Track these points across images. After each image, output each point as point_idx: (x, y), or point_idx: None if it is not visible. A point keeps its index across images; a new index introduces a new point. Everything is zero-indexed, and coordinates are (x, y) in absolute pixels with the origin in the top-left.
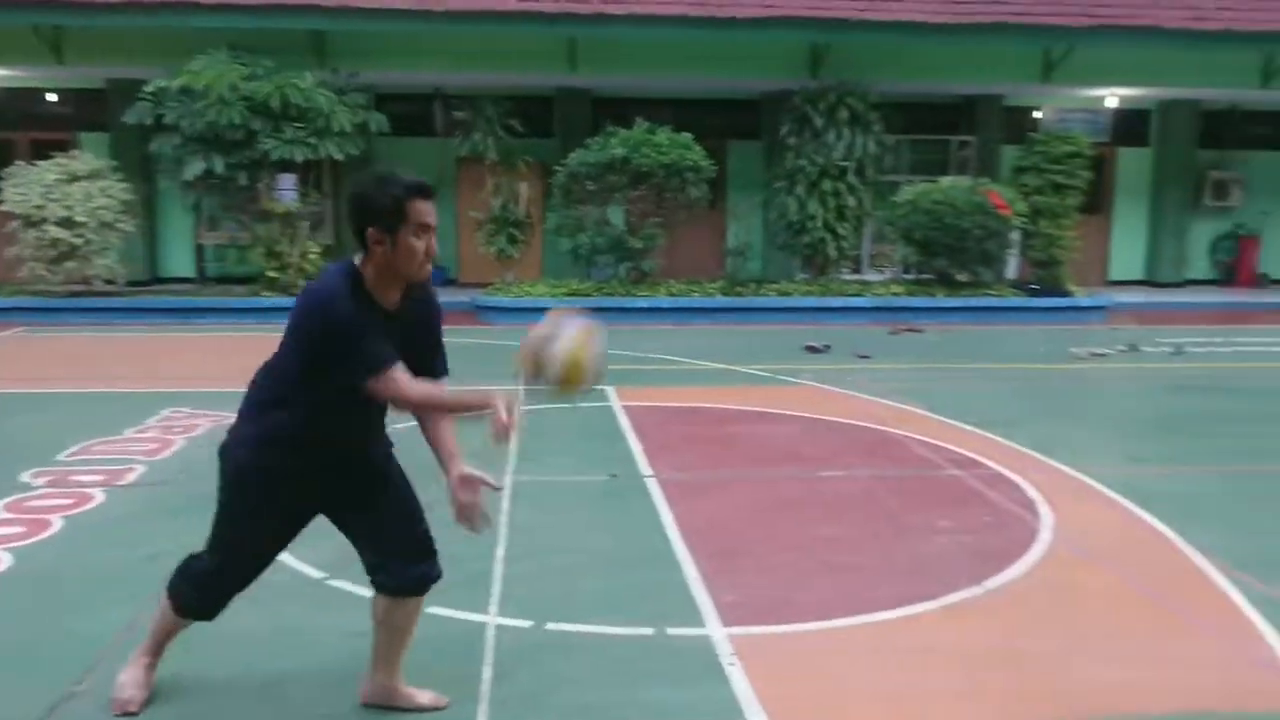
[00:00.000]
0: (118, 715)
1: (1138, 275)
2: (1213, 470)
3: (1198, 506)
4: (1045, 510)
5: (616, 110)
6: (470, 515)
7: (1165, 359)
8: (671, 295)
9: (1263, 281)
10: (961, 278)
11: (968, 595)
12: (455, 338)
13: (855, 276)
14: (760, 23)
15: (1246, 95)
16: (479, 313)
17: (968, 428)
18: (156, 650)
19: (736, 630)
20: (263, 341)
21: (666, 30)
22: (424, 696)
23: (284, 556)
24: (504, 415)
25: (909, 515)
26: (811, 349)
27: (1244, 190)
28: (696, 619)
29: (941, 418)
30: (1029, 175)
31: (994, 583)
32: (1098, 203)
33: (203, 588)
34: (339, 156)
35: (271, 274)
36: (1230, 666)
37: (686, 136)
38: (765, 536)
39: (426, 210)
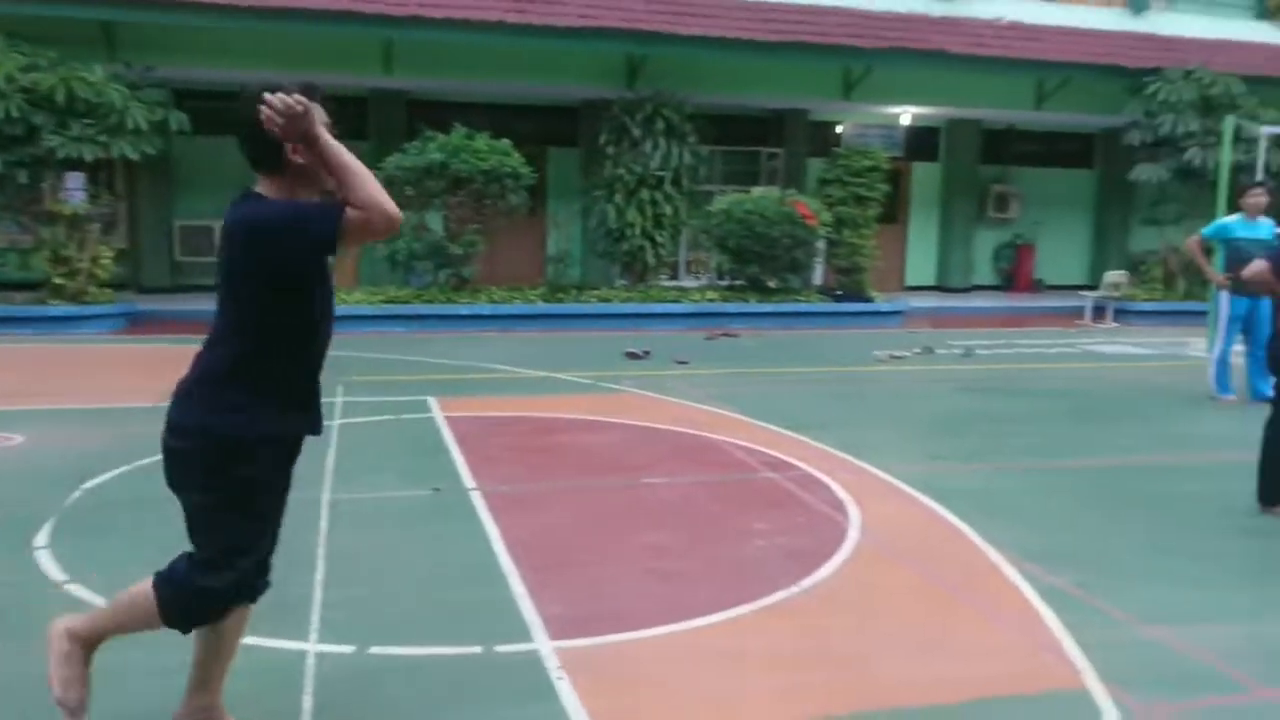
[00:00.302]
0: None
1: (931, 281)
2: (1003, 467)
3: (990, 502)
4: (853, 510)
5: (433, 114)
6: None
7: (957, 360)
8: (493, 302)
9: (1038, 286)
10: (772, 284)
11: (783, 596)
12: None
13: (673, 283)
14: (577, 32)
15: (1022, 116)
16: None
17: (781, 430)
18: (94, 645)
19: (563, 643)
20: (51, 354)
21: (484, 35)
22: None
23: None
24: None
25: (728, 519)
26: (632, 355)
27: (1021, 203)
28: (524, 634)
29: (757, 421)
30: (833, 187)
31: (807, 582)
32: (895, 213)
33: (217, 598)
34: (134, 156)
35: (58, 280)
36: (1019, 653)
37: (505, 143)
38: (590, 547)
39: (323, 113)
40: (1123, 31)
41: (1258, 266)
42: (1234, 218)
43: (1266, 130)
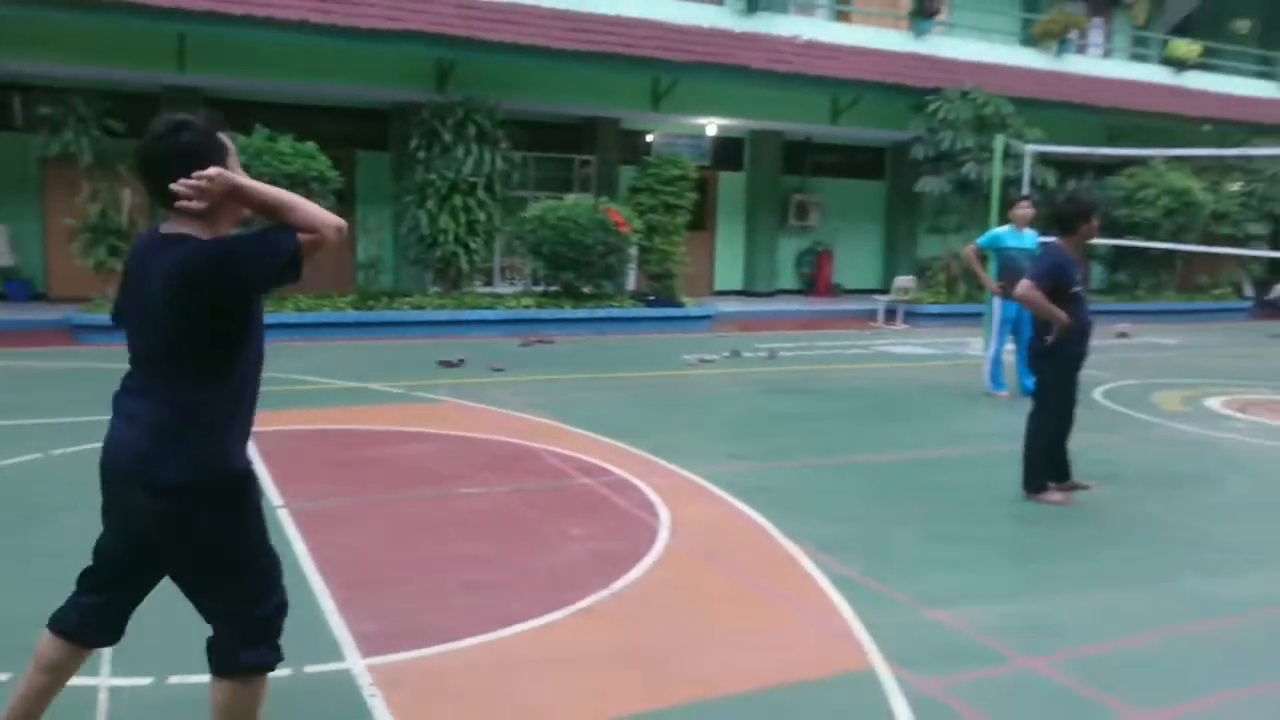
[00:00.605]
0: None
1: (738, 286)
2: (801, 464)
3: (789, 498)
4: (664, 512)
5: (233, 114)
6: None
7: (762, 363)
8: (300, 310)
9: (837, 291)
10: (586, 290)
11: (595, 599)
12: (43, 361)
13: (488, 289)
14: (384, 34)
15: (820, 130)
16: (74, 332)
17: (596, 436)
18: None
19: (376, 660)
20: None
21: (286, 34)
22: None
23: None
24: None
25: (543, 526)
26: (446, 364)
27: (820, 211)
28: (335, 653)
29: (572, 427)
30: (644, 195)
31: (618, 585)
32: (703, 220)
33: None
34: None
35: None
36: (814, 640)
37: (311, 145)
38: (404, 561)
39: (231, 146)
40: (907, 53)
41: (1024, 288)
42: (1004, 228)
43: (1031, 148)
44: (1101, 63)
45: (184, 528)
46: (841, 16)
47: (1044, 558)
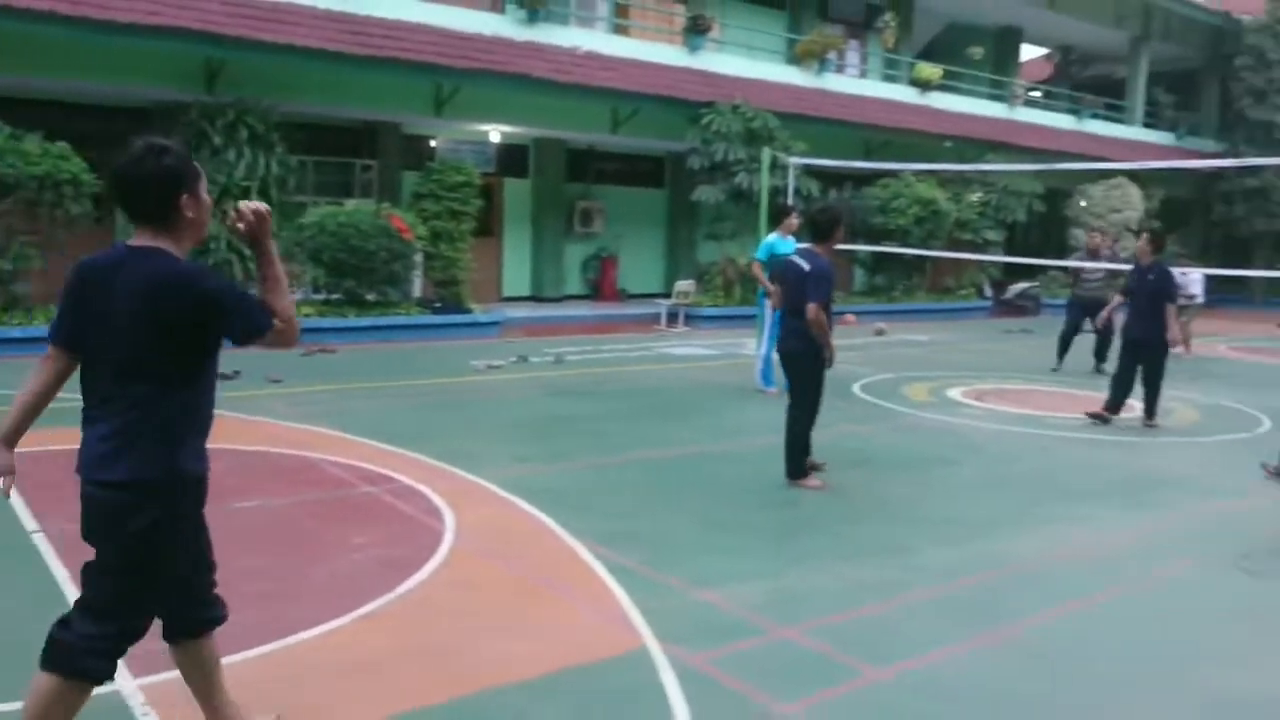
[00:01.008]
0: None
1: (526, 292)
2: (583, 464)
3: (571, 497)
4: (449, 515)
5: None
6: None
7: (549, 367)
8: (51, 322)
9: (622, 296)
10: (370, 298)
11: (381, 603)
12: None
13: None
14: (144, 30)
15: (602, 138)
16: None
17: (380, 445)
18: None
19: (149, 679)
20: None
21: (34, 25)
22: None
23: None
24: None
25: (326, 536)
26: (221, 376)
27: (604, 218)
28: None
29: (356, 437)
30: (428, 201)
31: (404, 588)
32: (490, 227)
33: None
34: None
35: None
36: (593, 626)
37: (63, 145)
38: None
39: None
40: (682, 67)
41: (813, 313)
42: (774, 236)
43: (796, 161)
44: (858, 82)
45: (120, 521)
46: (620, 30)
47: (801, 538)
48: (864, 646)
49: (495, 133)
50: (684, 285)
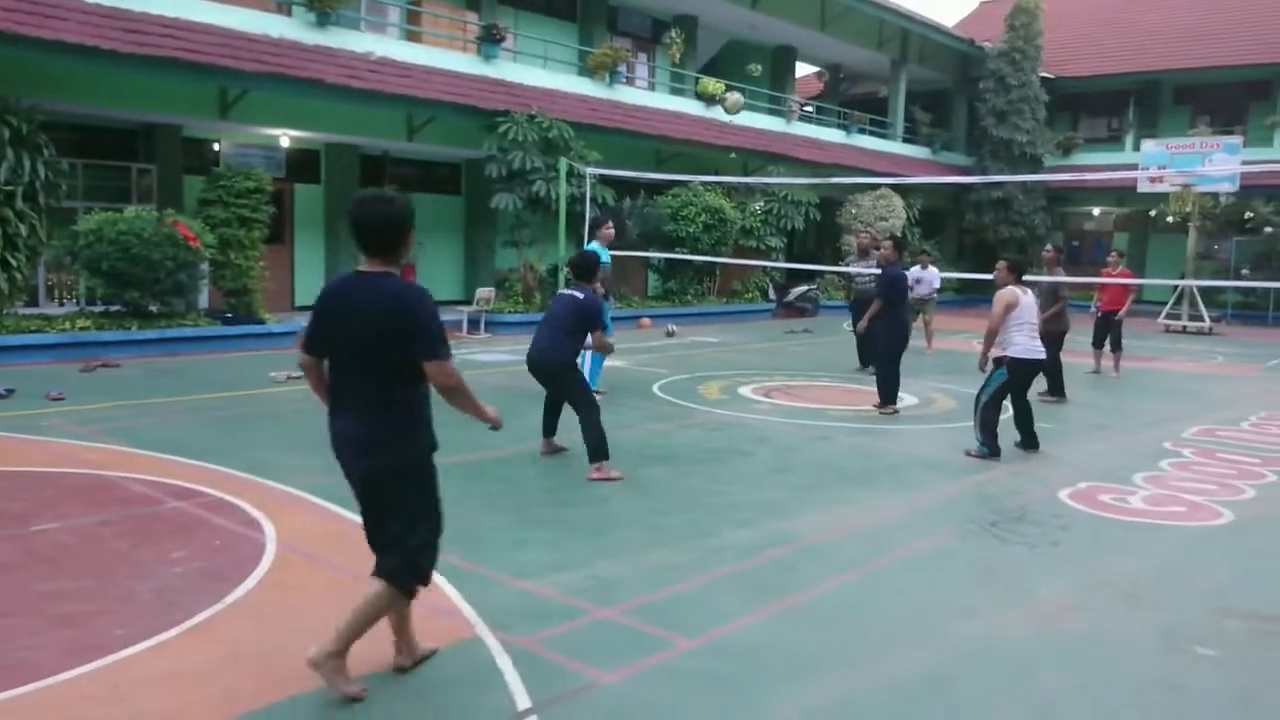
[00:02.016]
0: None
1: None
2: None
3: None
4: (268, 525)
5: None
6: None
7: None
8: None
9: None
10: (155, 309)
11: (208, 615)
12: None
13: (34, 311)
14: None
15: (397, 145)
16: None
17: (183, 460)
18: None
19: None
20: None
21: None
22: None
23: None
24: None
25: (141, 553)
26: None
27: None
28: None
29: (154, 453)
30: (215, 208)
31: (232, 598)
32: (280, 233)
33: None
34: None
35: None
36: (427, 619)
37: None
38: None
39: None
40: (478, 75)
41: (599, 340)
42: (594, 245)
43: (592, 170)
44: (648, 94)
45: (386, 488)
46: (412, 37)
47: (611, 529)
48: (675, 621)
49: (285, 137)
50: (484, 292)
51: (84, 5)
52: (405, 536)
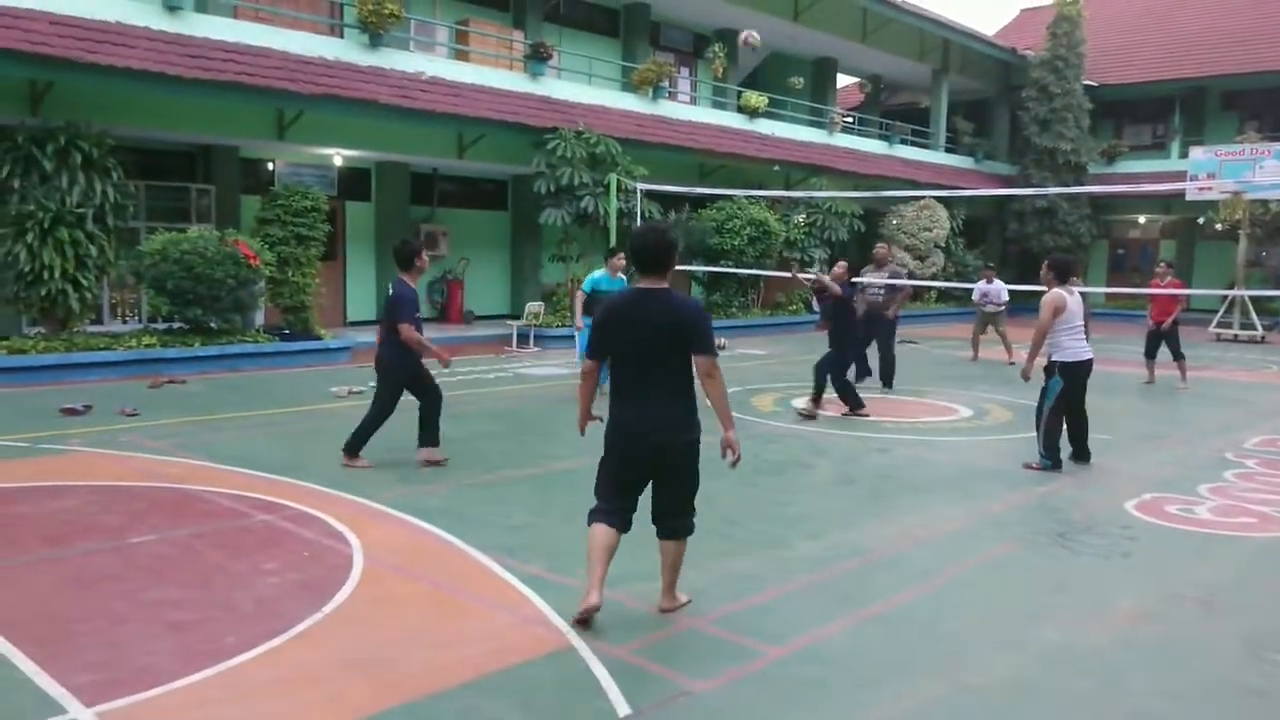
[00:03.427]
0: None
1: (371, 316)
2: (467, 483)
3: (465, 514)
4: (353, 537)
5: None
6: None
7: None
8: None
9: (469, 318)
10: (215, 325)
11: (310, 623)
12: None
13: (101, 329)
14: None
15: (446, 162)
16: None
17: (261, 474)
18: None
19: (103, 707)
20: None
21: None
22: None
23: None
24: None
25: (236, 564)
26: (70, 411)
27: (449, 241)
28: (55, 708)
29: (233, 468)
30: (273, 226)
31: (329, 608)
32: (333, 251)
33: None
34: None
35: None
36: (519, 630)
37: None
38: (95, 614)
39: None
40: (525, 93)
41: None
42: (600, 273)
43: (640, 186)
44: (691, 109)
45: (677, 459)
46: (460, 56)
47: (689, 540)
48: (760, 630)
49: (338, 156)
50: (534, 307)
51: (150, 32)
52: (690, 497)
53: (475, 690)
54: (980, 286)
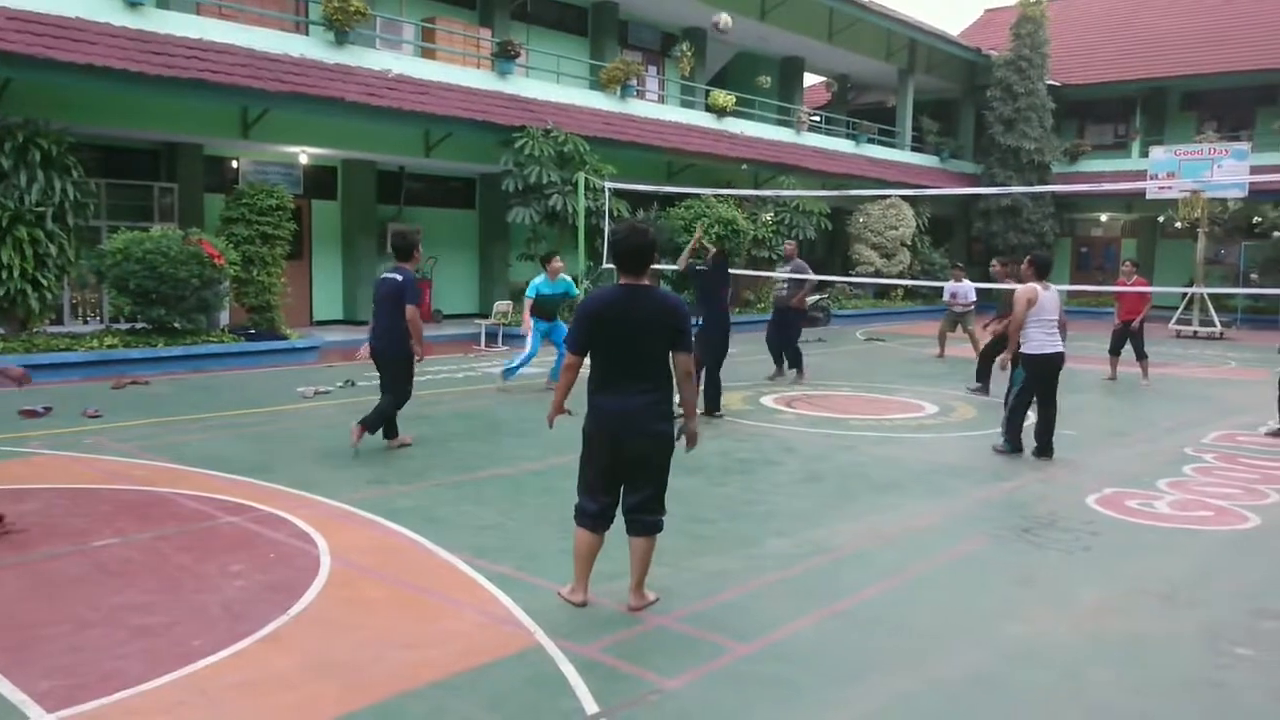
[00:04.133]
0: None
1: (338, 315)
2: (437, 483)
3: (433, 514)
4: (320, 539)
5: None
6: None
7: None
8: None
9: (437, 318)
10: (179, 326)
11: (277, 625)
12: None
13: (62, 329)
14: None
15: (413, 160)
16: None
17: (228, 476)
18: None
19: (66, 713)
20: None
21: None
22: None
23: None
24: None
25: (201, 567)
26: (30, 413)
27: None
28: (17, 715)
29: (198, 469)
30: (239, 225)
31: (297, 608)
32: (299, 250)
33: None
34: None
35: None
36: (488, 629)
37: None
38: (58, 619)
39: None
40: (492, 91)
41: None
42: (541, 278)
43: (609, 185)
44: (659, 107)
45: (659, 450)
46: (427, 54)
47: (657, 538)
48: (728, 627)
49: (303, 154)
50: (502, 305)
51: (111, 29)
52: (663, 493)
53: (444, 690)
54: (949, 286)
